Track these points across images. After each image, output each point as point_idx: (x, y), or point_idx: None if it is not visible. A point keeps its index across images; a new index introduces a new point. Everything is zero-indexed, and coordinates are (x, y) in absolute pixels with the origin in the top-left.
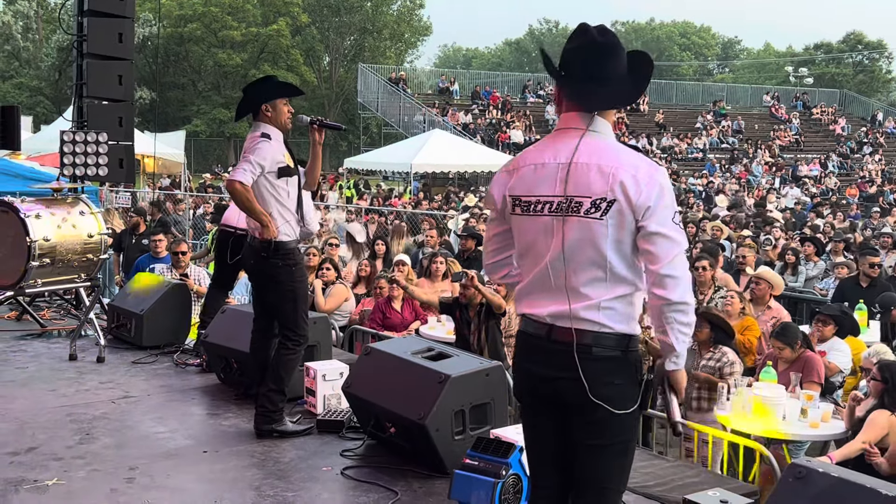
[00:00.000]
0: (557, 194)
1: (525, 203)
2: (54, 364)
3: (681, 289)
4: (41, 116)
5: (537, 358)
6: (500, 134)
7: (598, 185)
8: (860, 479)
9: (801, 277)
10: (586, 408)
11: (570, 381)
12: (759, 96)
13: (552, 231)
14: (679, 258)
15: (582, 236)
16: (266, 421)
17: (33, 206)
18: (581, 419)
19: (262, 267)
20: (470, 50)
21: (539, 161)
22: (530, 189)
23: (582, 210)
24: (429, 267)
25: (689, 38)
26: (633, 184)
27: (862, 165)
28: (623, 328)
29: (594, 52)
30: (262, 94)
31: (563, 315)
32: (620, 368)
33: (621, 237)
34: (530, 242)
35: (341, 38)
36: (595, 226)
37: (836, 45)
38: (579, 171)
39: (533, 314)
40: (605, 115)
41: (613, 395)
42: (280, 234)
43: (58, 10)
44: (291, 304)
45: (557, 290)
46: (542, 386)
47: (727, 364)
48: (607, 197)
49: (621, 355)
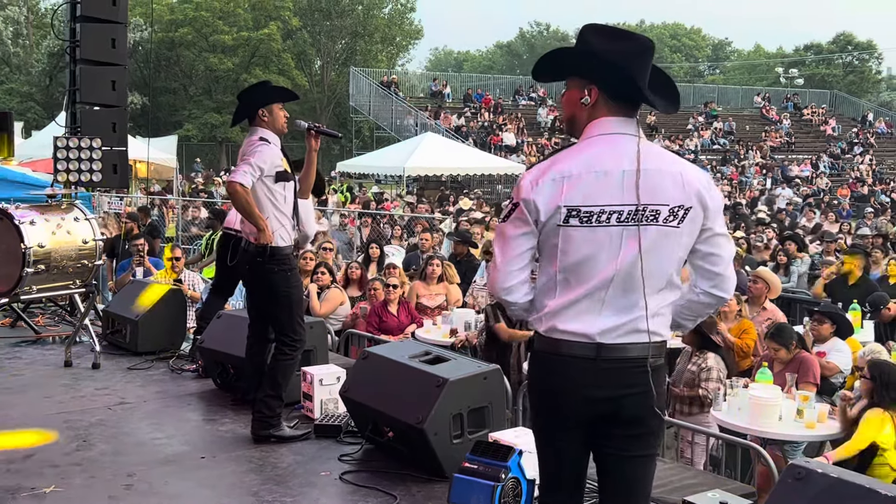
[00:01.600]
0: (628, 202)
1: (586, 213)
2: (50, 371)
3: (732, 291)
4: (32, 122)
5: (587, 380)
6: (492, 136)
7: (675, 192)
8: (859, 479)
9: (793, 277)
10: (645, 420)
11: (636, 396)
12: (750, 97)
13: (620, 241)
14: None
15: (659, 245)
16: (263, 426)
17: (28, 212)
18: (632, 432)
19: (258, 272)
20: (461, 53)
21: (599, 168)
22: (592, 198)
23: (661, 218)
24: (424, 269)
25: (679, 39)
26: (705, 190)
27: (853, 166)
28: (667, 335)
29: (649, 56)
30: (259, 98)
31: (619, 328)
32: (665, 376)
33: (690, 244)
34: (585, 256)
35: (333, 41)
36: (672, 234)
37: (827, 46)
38: (650, 177)
39: (575, 332)
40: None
41: (662, 403)
42: (275, 239)
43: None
44: (287, 309)
45: (615, 304)
46: (600, 407)
47: (704, 370)
48: (685, 204)
49: (664, 363)
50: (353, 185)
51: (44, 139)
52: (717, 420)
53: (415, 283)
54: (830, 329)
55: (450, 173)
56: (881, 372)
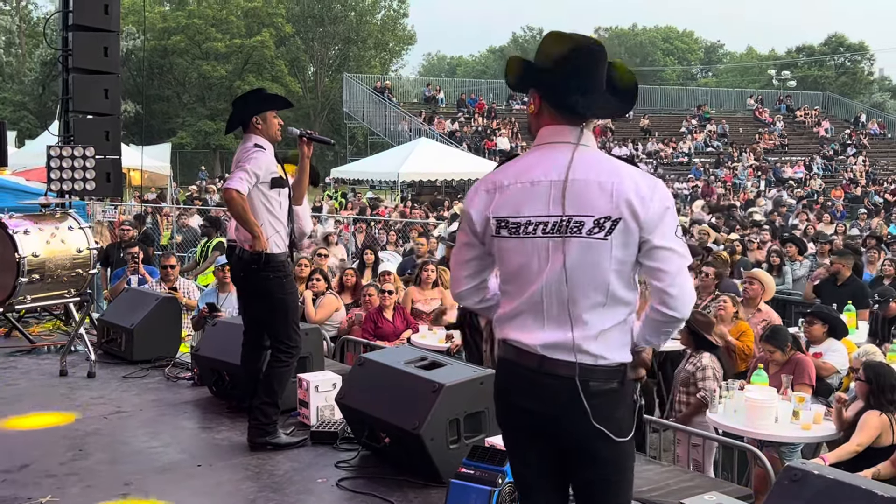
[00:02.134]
0: (553, 214)
1: (514, 225)
2: (45, 380)
3: (686, 306)
4: (25, 131)
5: (528, 392)
6: (486, 141)
7: (601, 202)
8: (856, 480)
9: (786, 278)
10: (588, 444)
11: (570, 417)
12: (743, 100)
13: (547, 254)
14: (685, 273)
15: (584, 258)
16: (260, 434)
17: (21, 221)
18: (582, 457)
19: (253, 279)
20: (454, 58)
21: (527, 179)
22: (519, 209)
23: (584, 230)
24: (419, 275)
25: (672, 43)
26: (637, 199)
27: (846, 167)
28: (620, 357)
29: (586, 61)
30: (253, 106)
31: (559, 345)
32: (619, 400)
33: (625, 257)
34: (520, 266)
35: (326, 48)
36: (598, 246)
37: (819, 47)
38: (577, 188)
39: (520, 342)
40: (590, 127)
41: (614, 428)
42: (271, 246)
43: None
44: (283, 315)
45: (554, 318)
46: (536, 423)
47: (699, 369)
48: (612, 215)
49: (618, 387)
50: (347, 191)
51: (37, 148)
52: (713, 422)
53: (409, 289)
54: (822, 329)
55: (444, 178)
56: (876, 374)
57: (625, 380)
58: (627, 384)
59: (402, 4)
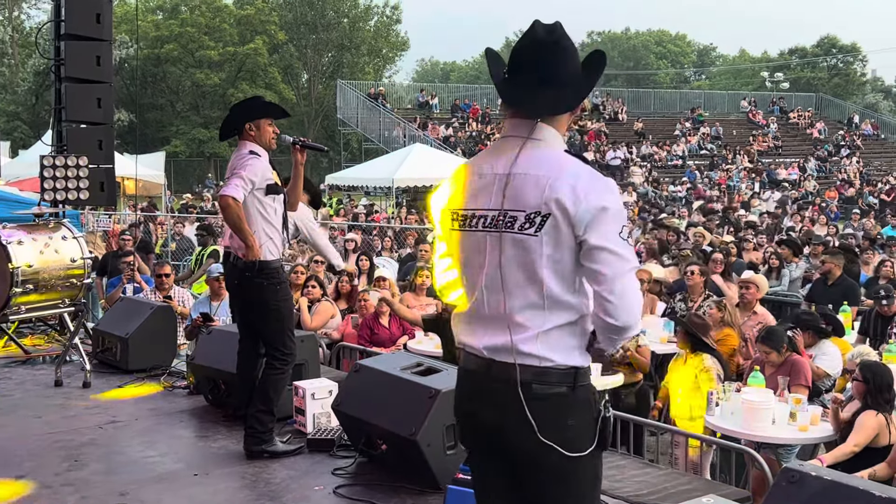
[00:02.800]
0: (493, 208)
1: (462, 217)
2: (40, 391)
3: (628, 313)
4: (18, 141)
5: (478, 398)
6: (480, 146)
7: (533, 197)
8: (853, 481)
9: (784, 280)
10: (537, 455)
11: (516, 424)
12: (737, 102)
13: (485, 249)
14: (627, 277)
15: (516, 255)
16: (256, 442)
17: (15, 232)
18: (533, 469)
19: (247, 286)
20: (448, 63)
21: (478, 172)
22: (467, 202)
23: (516, 225)
24: (414, 280)
25: (664, 46)
26: (570, 195)
27: (840, 168)
28: (567, 360)
29: (536, 52)
30: (247, 113)
31: (500, 348)
32: (570, 407)
33: (559, 256)
34: (466, 261)
35: (319, 55)
36: (529, 243)
37: (811, 49)
38: (516, 182)
39: (469, 345)
40: (553, 122)
41: (566, 438)
42: (265, 253)
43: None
44: (278, 322)
45: (492, 319)
46: (486, 431)
47: (703, 370)
48: (541, 211)
49: (568, 391)
50: (343, 198)
51: (31, 158)
52: (710, 425)
53: (405, 295)
54: (811, 338)
55: (439, 184)
56: (873, 374)
57: (576, 385)
58: (581, 391)
59: (395, 11)
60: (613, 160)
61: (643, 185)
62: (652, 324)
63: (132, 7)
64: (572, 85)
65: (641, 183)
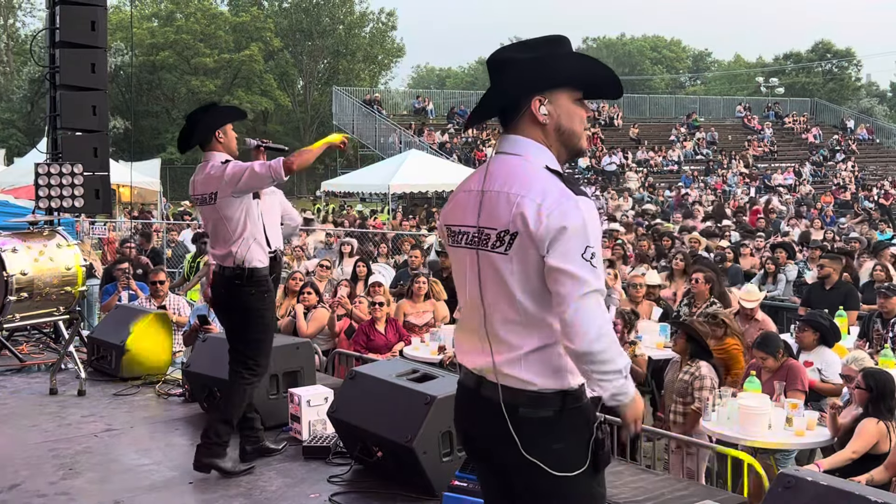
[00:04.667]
0: (472, 224)
1: (452, 232)
2: (35, 399)
3: (582, 338)
4: (14, 149)
5: (469, 415)
6: (476, 152)
7: (504, 215)
8: (849, 486)
9: (780, 285)
10: (524, 471)
11: (503, 442)
12: (732, 107)
13: (468, 265)
14: (587, 301)
15: (492, 273)
16: (208, 454)
17: (9, 240)
18: (524, 485)
19: (235, 294)
20: (443, 70)
21: (467, 188)
22: (456, 217)
23: (489, 243)
24: (410, 287)
25: (660, 51)
26: (534, 213)
27: (836, 172)
28: (554, 384)
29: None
30: (215, 120)
31: (485, 368)
32: (557, 431)
33: (529, 275)
34: (456, 276)
35: (315, 61)
36: (500, 261)
37: (806, 54)
38: (490, 199)
39: (464, 363)
40: (520, 130)
41: (551, 458)
42: (253, 261)
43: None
44: (261, 332)
45: (479, 335)
46: (479, 446)
47: (697, 378)
48: (510, 229)
49: (555, 416)
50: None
51: (26, 166)
52: (706, 430)
53: (402, 302)
54: (814, 337)
55: (435, 190)
56: (876, 382)
57: (565, 408)
58: (570, 414)
59: (390, 17)
60: (609, 166)
61: (639, 190)
62: (648, 329)
63: (127, 14)
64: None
65: (637, 188)
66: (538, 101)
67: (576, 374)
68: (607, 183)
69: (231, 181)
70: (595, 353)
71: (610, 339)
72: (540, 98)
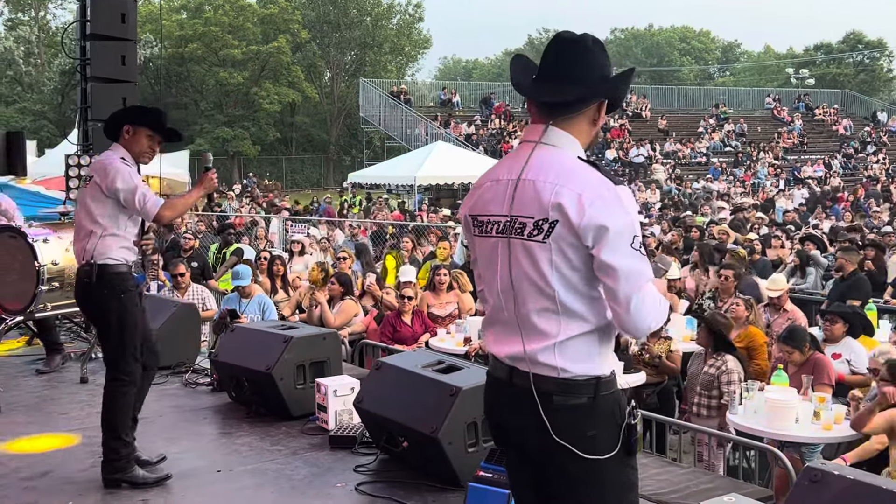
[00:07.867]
0: (504, 213)
1: (479, 222)
2: (66, 388)
3: (642, 324)
4: (45, 140)
5: (502, 405)
6: (503, 143)
7: (541, 204)
8: (876, 480)
9: (809, 279)
10: (556, 456)
11: (535, 429)
12: (761, 99)
13: (498, 254)
14: (642, 295)
15: (527, 261)
16: (111, 470)
17: (41, 230)
18: (555, 472)
19: (89, 296)
20: (470, 61)
21: (495, 177)
22: (484, 207)
23: (525, 232)
24: (433, 279)
25: (688, 42)
26: (574, 204)
27: (866, 165)
28: (588, 371)
29: (555, 55)
30: (126, 116)
31: (518, 357)
32: (591, 418)
33: (568, 263)
34: (484, 268)
35: (342, 53)
36: (537, 250)
37: (837, 45)
38: (525, 188)
39: (494, 353)
40: (571, 127)
41: (583, 446)
42: (103, 258)
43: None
44: (118, 334)
45: (510, 325)
46: (511, 436)
47: (724, 372)
48: (549, 217)
49: (589, 402)
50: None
51: (57, 157)
52: (733, 423)
53: (424, 294)
54: (843, 329)
55: (461, 181)
56: None
57: (598, 395)
58: (603, 400)
59: (417, 9)
60: (637, 157)
61: (667, 182)
62: (675, 321)
63: (156, 7)
64: (600, 84)
65: (665, 180)
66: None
67: (608, 361)
68: (634, 175)
69: (112, 183)
70: (649, 331)
71: (661, 320)
72: (601, 102)
